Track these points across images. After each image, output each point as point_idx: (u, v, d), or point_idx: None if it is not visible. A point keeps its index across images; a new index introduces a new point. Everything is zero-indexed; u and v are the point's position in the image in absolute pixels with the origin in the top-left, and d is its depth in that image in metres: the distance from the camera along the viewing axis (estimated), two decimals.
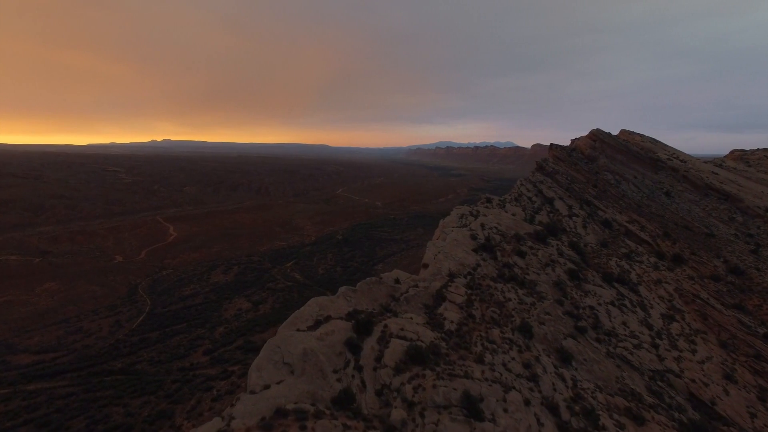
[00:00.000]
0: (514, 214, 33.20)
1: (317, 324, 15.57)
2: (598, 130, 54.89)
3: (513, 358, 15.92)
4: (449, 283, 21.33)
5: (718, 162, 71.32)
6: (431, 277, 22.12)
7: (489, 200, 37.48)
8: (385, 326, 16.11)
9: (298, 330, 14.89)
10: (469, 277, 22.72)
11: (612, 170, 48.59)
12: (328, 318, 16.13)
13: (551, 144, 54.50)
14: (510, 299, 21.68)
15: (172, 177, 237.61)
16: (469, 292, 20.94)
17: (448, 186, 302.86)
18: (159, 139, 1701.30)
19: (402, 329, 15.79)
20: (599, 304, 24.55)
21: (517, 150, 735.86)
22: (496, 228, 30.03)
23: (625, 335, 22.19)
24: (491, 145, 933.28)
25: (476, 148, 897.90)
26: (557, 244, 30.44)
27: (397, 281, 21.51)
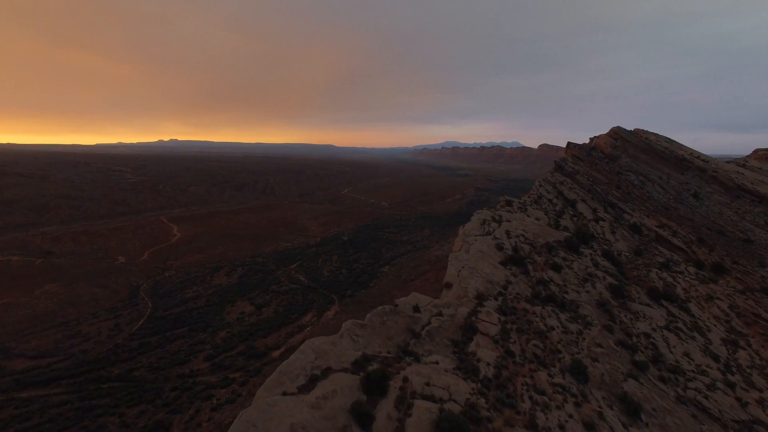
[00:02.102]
0: (537, 219, 30.17)
1: (312, 381, 11.40)
2: (619, 127, 51.75)
3: (571, 416, 12.52)
4: (478, 309, 17.99)
5: (741, 162, 67.92)
6: (457, 301, 18.63)
7: (509, 203, 34.59)
8: (405, 380, 12.11)
9: (284, 393, 10.69)
10: (500, 298, 19.39)
11: (635, 170, 45.50)
12: (327, 371, 12.00)
13: (569, 143, 51.53)
14: (552, 327, 18.24)
15: (177, 177, 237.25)
16: (502, 319, 17.73)
17: (454, 186, 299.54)
18: (166, 138, 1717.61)
19: (428, 383, 12.13)
20: (653, 330, 20.96)
21: (523, 150, 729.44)
22: (523, 236, 26.76)
23: (693, 371, 18.51)
24: (498, 145, 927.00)
25: (482, 148, 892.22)
26: (590, 254, 27.19)
27: (416, 309, 17.57)
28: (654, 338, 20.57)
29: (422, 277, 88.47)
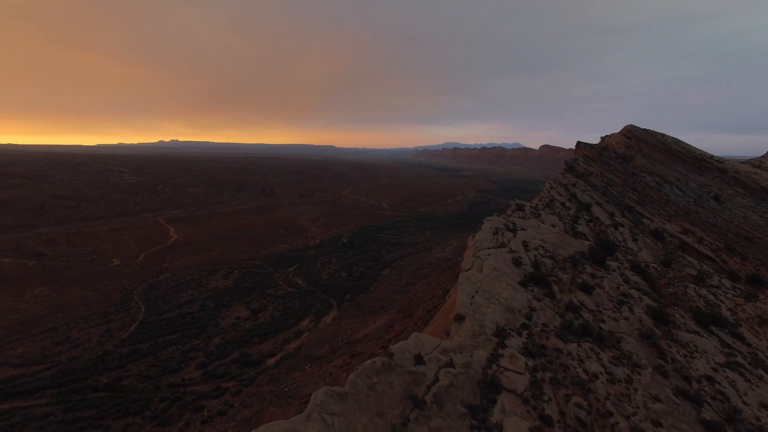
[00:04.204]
0: (553, 225, 27.00)
1: None
2: (632, 126, 49.08)
3: None
4: (499, 351, 13.74)
5: (756, 163, 65.39)
6: (471, 342, 14.20)
7: (521, 207, 31.56)
8: None
9: None
10: (524, 333, 15.34)
11: (651, 171, 42.77)
12: None
13: (578, 142, 48.93)
14: (595, 375, 14.02)
15: (176, 177, 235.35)
16: (530, 364, 13.67)
17: (455, 187, 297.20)
18: (167, 139, 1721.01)
19: None
20: (714, 370, 16.50)
21: (525, 151, 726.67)
22: (542, 247, 22.87)
23: None
24: (498, 146, 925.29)
25: (483, 149, 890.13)
26: (618, 267, 23.53)
27: (418, 360, 12.94)
28: (719, 382, 16.00)
29: (423, 281, 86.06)
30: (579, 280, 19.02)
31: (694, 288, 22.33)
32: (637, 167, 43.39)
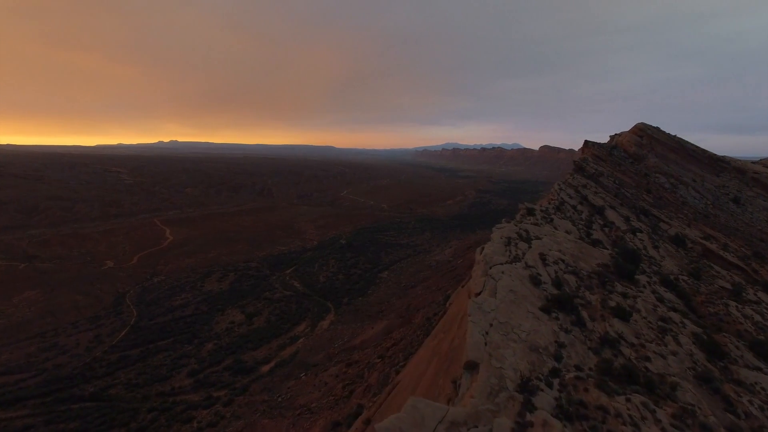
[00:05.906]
0: (568, 232, 24.09)
1: None
2: (644, 124, 46.89)
3: None
4: (527, 417, 9.50)
5: (766, 163, 63.47)
6: (490, 404, 10.02)
7: (531, 212, 28.79)
8: None
9: None
10: (555, 382, 11.29)
11: (665, 172, 40.53)
12: None
13: (586, 141, 46.82)
14: None
15: (174, 178, 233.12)
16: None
17: (455, 188, 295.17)
18: (166, 140, 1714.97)
19: None
20: None
21: (524, 152, 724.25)
22: (561, 260, 19.35)
23: None
24: (498, 147, 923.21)
25: (483, 149, 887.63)
26: (648, 282, 20.02)
27: None
28: None
29: (423, 284, 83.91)
30: (612, 303, 15.52)
31: (736, 306, 19.34)
32: (650, 167, 40.94)
